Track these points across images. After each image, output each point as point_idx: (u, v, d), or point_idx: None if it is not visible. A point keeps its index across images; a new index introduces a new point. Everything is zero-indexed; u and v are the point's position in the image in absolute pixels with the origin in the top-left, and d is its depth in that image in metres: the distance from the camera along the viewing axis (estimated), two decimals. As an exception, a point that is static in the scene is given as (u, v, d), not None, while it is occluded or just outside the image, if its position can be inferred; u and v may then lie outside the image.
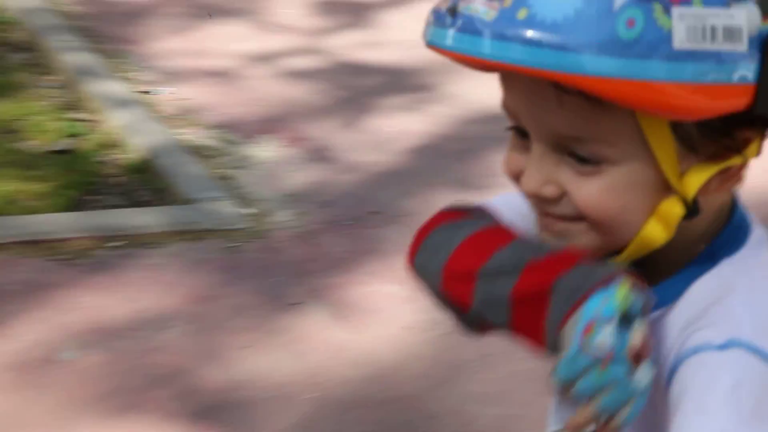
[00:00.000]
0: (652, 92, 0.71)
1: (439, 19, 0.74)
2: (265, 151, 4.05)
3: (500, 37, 0.70)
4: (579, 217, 0.81)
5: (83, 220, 3.43)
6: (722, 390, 0.75)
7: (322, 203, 3.77)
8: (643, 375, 0.79)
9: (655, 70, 0.69)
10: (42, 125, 4.08)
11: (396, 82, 4.82)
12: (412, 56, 4.52)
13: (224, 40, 4.96)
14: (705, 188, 0.78)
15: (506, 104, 0.81)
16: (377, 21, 5.46)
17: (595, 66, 0.68)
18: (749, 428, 0.72)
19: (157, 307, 3.14)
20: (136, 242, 3.36)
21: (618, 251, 0.81)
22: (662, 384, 0.78)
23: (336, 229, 3.57)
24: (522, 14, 0.68)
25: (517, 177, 0.83)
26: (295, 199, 3.74)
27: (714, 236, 0.84)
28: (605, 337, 0.75)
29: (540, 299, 0.74)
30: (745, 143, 0.75)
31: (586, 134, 0.77)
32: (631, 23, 0.68)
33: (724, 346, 0.75)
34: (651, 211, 0.79)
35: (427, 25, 0.77)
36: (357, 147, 4.20)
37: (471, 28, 0.71)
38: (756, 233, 0.84)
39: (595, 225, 0.81)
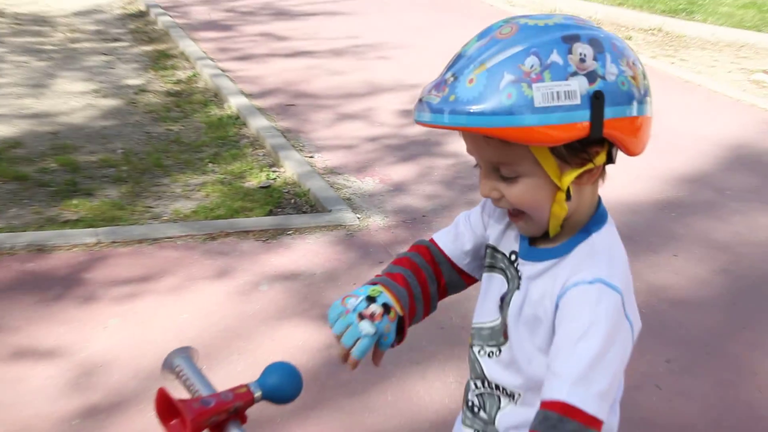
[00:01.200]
0: (528, 133, 1.13)
1: (417, 104, 1.22)
2: (366, 184, 4.97)
3: (439, 111, 1.15)
4: (518, 210, 1.28)
5: (274, 221, 4.36)
6: (589, 303, 1.21)
7: (394, 211, 4.60)
8: (365, 326, 1.33)
9: (527, 120, 1.12)
10: (256, 174, 4.98)
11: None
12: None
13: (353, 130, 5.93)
14: (578, 182, 1.24)
15: (467, 149, 1.28)
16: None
17: (492, 122, 1.12)
18: (607, 322, 1.19)
19: (310, 264, 3.91)
20: (300, 232, 4.23)
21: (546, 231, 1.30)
22: (553, 308, 1.27)
23: (402, 226, 4.43)
24: (452, 98, 1.14)
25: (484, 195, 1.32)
26: (381, 210, 4.61)
27: (588, 220, 1.32)
28: (352, 300, 1.35)
29: None
30: (595, 154, 1.21)
31: (504, 160, 1.23)
32: (509, 96, 1.11)
33: (592, 282, 1.22)
34: (552, 200, 1.24)
35: (414, 109, 1.24)
36: (414, 180, 5.03)
37: (426, 108, 1.18)
38: (609, 219, 1.35)
39: (526, 214, 1.28)
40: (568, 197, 1.25)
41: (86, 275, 3.72)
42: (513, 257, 1.38)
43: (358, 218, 4.49)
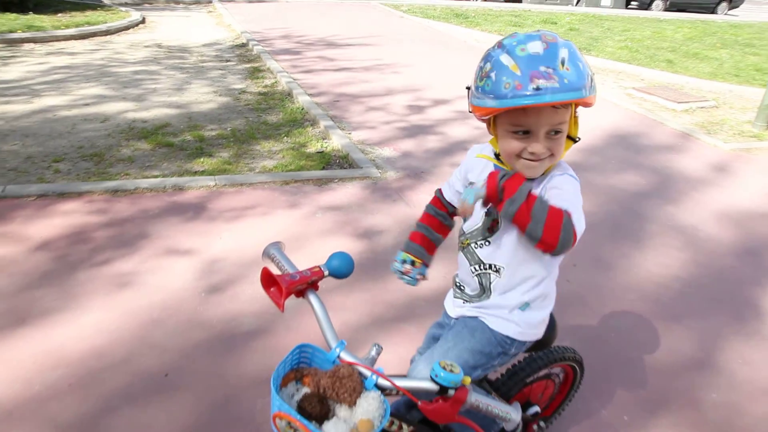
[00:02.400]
0: (593, 100, 1.16)
1: (529, 94, 1.10)
2: (385, 152, 4.82)
3: (560, 91, 1.09)
4: (549, 155, 1.23)
5: (326, 173, 4.25)
6: (566, 183, 1.24)
7: (403, 168, 4.47)
8: (405, 278, 1.44)
9: (592, 92, 1.15)
10: (314, 144, 4.88)
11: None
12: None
13: (376, 117, 5.82)
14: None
15: (518, 122, 1.17)
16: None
17: (589, 93, 1.13)
18: (575, 197, 1.22)
19: (348, 201, 3.85)
20: (342, 181, 4.17)
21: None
22: (543, 192, 1.24)
23: (407, 178, 4.31)
24: (566, 81, 1.09)
25: (518, 153, 1.22)
26: (394, 167, 4.49)
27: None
28: (396, 264, 1.47)
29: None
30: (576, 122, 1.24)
31: (562, 121, 1.20)
32: (587, 76, 1.13)
33: (562, 174, 1.27)
34: (564, 146, 1.26)
35: (515, 97, 1.10)
36: (415, 149, 4.89)
37: (548, 92, 1.09)
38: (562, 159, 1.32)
39: (553, 156, 1.24)
40: (575, 142, 1.30)
41: (208, 205, 3.73)
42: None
43: (380, 172, 4.43)
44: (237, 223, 3.50)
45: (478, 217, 1.38)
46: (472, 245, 1.41)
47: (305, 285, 1.20)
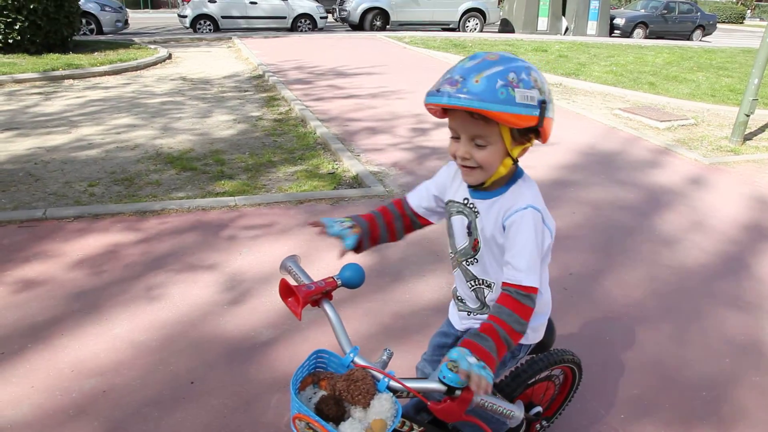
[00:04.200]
0: (508, 117, 1.07)
1: (432, 93, 1.12)
2: (390, 171, 4.79)
3: (455, 97, 1.07)
4: (478, 166, 1.18)
5: (337, 192, 4.23)
6: (527, 221, 1.16)
7: (406, 184, 4.37)
8: (336, 226, 1.34)
9: (509, 109, 1.06)
10: (326, 165, 4.85)
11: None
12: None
13: (382, 140, 5.78)
14: (518, 154, 1.19)
15: (450, 125, 1.17)
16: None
17: (491, 107, 1.05)
18: (537, 233, 1.16)
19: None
20: (352, 199, 4.14)
21: (483, 183, 1.21)
22: (500, 227, 1.20)
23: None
24: (465, 90, 1.06)
25: (453, 154, 1.20)
26: (398, 185, 4.44)
27: (514, 173, 1.25)
28: (339, 221, 1.37)
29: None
30: (532, 138, 1.16)
31: (481, 133, 1.14)
32: (501, 93, 1.06)
33: (525, 208, 1.18)
34: (501, 162, 1.17)
35: (427, 95, 1.13)
36: (416, 168, 4.83)
37: (445, 94, 1.08)
38: (525, 172, 1.28)
39: (483, 169, 1.18)
40: (515, 162, 1.22)
41: (229, 223, 3.71)
42: (466, 201, 1.31)
43: (386, 190, 4.41)
44: (256, 240, 3.49)
45: (461, 237, 1.35)
46: (464, 263, 1.39)
47: (320, 295, 1.20)
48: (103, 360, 2.38)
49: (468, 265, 1.37)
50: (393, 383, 1.03)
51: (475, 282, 1.38)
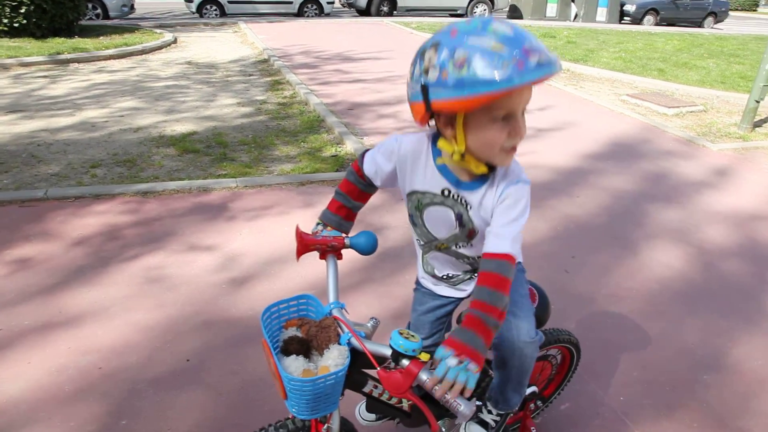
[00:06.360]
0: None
1: (541, 65, 0.95)
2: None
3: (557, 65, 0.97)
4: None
5: (339, 174, 4.13)
6: (521, 195, 1.11)
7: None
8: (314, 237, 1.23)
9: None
10: (329, 148, 4.80)
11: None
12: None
13: (386, 124, 5.79)
14: None
15: (510, 106, 0.99)
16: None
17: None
18: (526, 206, 1.12)
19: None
20: None
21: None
22: (498, 200, 1.12)
23: None
24: (558, 57, 0.99)
25: (501, 143, 1.05)
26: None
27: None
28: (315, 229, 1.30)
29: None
30: None
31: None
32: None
33: (519, 182, 1.12)
34: None
35: (544, 67, 0.95)
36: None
37: (556, 64, 0.97)
38: None
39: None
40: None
41: (229, 205, 3.68)
42: (447, 192, 1.18)
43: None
44: (256, 221, 3.45)
45: (448, 227, 1.25)
46: (453, 247, 1.30)
47: (324, 247, 1.23)
48: (101, 338, 2.37)
49: (459, 248, 1.30)
50: (353, 340, 1.05)
51: (467, 259, 1.33)
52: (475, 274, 1.35)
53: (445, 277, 1.39)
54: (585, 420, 2.05)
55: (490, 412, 1.43)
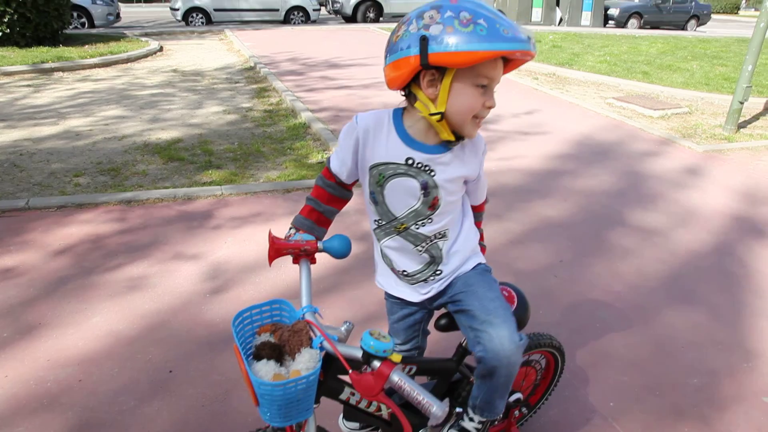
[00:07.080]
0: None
1: (525, 41, 1.03)
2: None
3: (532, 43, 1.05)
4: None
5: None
6: (485, 151, 1.27)
7: None
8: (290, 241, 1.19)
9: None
10: (315, 155, 4.74)
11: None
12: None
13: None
14: None
15: (487, 74, 1.05)
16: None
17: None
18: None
19: (347, 207, 4.42)
20: None
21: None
22: (479, 164, 1.24)
23: None
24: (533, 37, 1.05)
25: (474, 112, 1.10)
26: None
27: None
28: (290, 235, 1.30)
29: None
30: None
31: None
32: None
33: (481, 140, 1.24)
34: None
35: (521, 42, 1.02)
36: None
37: (534, 42, 1.05)
38: None
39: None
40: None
41: (214, 213, 3.65)
42: (411, 161, 1.18)
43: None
44: (241, 229, 3.42)
45: (407, 200, 1.22)
46: (412, 227, 1.26)
47: (297, 251, 1.19)
48: (81, 349, 2.32)
49: (418, 228, 1.25)
50: (325, 343, 1.03)
51: (427, 242, 1.28)
52: (433, 276, 1.31)
53: (403, 273, 1.34)
54: (574, 426, 2.02)
55: (471, 419, 1.39)
